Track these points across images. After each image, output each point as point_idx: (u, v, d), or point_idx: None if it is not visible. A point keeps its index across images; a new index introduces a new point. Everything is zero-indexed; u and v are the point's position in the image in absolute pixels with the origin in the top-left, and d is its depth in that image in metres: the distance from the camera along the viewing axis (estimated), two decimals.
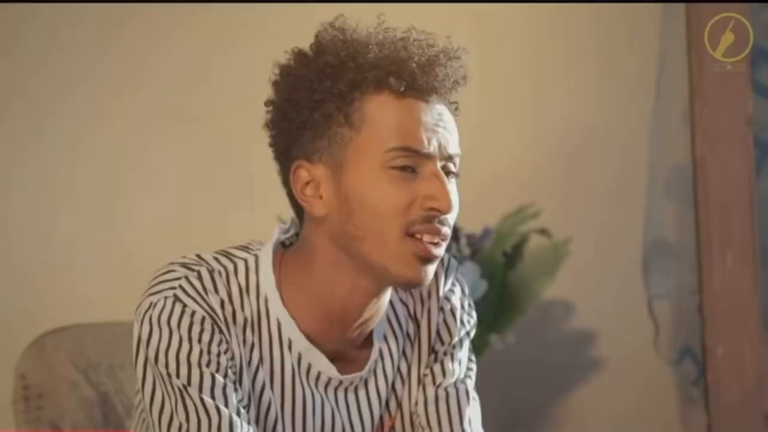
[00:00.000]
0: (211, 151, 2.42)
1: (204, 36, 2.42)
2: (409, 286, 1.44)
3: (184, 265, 1.44)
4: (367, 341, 1.51)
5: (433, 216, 1.39)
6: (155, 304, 1.40)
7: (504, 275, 2.27)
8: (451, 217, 1.42)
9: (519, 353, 2.33)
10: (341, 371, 1.49)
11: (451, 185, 1.41)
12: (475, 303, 1.66)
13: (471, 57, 1.41)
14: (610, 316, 2.44)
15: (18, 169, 2.36)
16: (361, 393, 1.52)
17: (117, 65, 2.38)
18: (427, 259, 1.40)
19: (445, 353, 1.56)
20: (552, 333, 2.38)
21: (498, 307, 2.26)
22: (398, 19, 1.40)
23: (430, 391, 1.55)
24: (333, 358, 1.49)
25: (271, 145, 1.46)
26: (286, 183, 1.45)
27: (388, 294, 1.48)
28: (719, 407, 2.44)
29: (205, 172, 2.43)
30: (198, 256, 1.46)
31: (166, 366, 1.38)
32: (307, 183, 1.43)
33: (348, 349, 1.50)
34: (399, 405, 1.55)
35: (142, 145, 2.40)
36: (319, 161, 1.41)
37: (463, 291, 1.59)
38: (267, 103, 1.45)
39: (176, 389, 1.38)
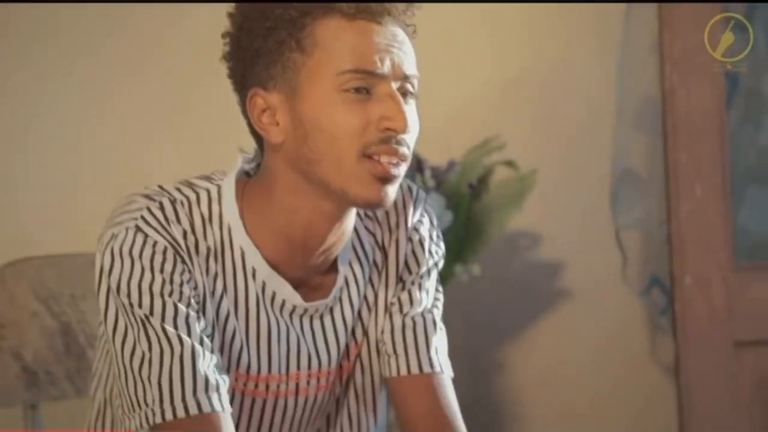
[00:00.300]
0: (167, 91, 2.40)
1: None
2: (369, 206, 1.44)
3: (146, 196, 1.44)
4: (332, 268, 1.52)
5: (389, 137, 1.39)
6: (117, 236, 1.41)
7: (469, 206, 2.28)
8: (410, 138, 1.42)
9: (485, 284, 2.34)
10: (306, 299, 1.50)
11: (409, 106, 1.41)
12: (440, 233, 1.67)
13: None
14: (577, 247, 2.45)
15: None
16: (327, 320, 1.52)
17: None
18: (386, 179, 1.40)
19: (412, 283, 1.57)
20: (518, 264, 2.39)
21: (463, 238, 2.26)
22: None
23: (397, 319, 1.56)
24: (297, 285, 1.49)
25: (229, 77, 1.46)
26: (245, 113, 1.45)
27: (351, 219, 1.48)
28: (687, 336, 2.45)
29: (162, 109, 2.42)
30: (160, 186, 1.46)
31: (129, 296, 1.38)
32: (264, 110, 1.43)
33: (312, 276, 1.50)
34: (365, 333, 1.56)
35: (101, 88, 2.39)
36: (273, 88, 1.42)
37: (431, 222, 1.60)
38: (224, 35, 1.45)
39: (138, 319, 1.38)
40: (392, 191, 1.41)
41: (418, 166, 2.26)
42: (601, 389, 2.43)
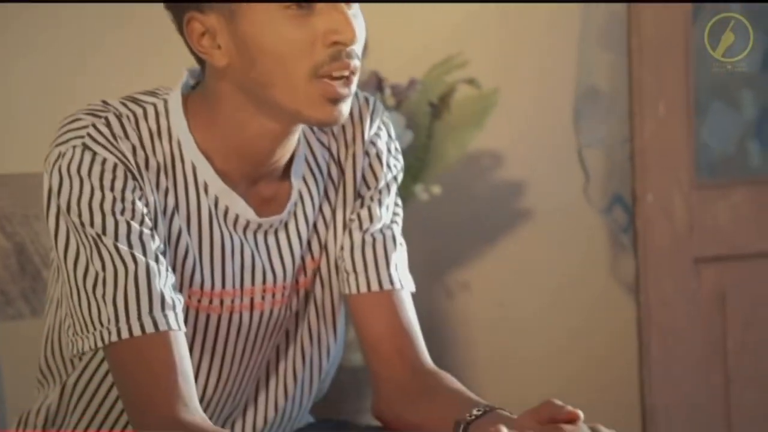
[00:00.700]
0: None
1: None
2: (323, 126, 1.43)
3: (91, 113, 1.42)
4: (286, 182, 1.51)
5: (338, 51, 1.37)
6: (64, 154, 1.39)
7: (430, 126, 2.26)
8: (359, 48, 1.40)
9: (446, 204, 2.34)
10: (260, 214, 1.49)
11: (354, 14, 1.39)
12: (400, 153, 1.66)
13: None
14: (540, 166, 2.44)
15: None
16: (282, 236, 1.52)
17: None
18: (337, 99, 1.38)
19: (371, 198, 1.56)
20: (480, 184, 2.39)
21: (423, 158, 2.26)
22: None
23: (357, 236, 1.55)
24: (250, 198, 1.48)
25: (165, 6, 1.43)
26: (185, 39, 1.42)
27: (299, 131, 1.47)
28: (648, 253, 2.47)
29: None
30: (104, 102, 1.44)
31: (79, 215, 1.37)
32: (202, 34, 1.40)
33: (265, 191, 1.49)
34: (323, 249, 1.56)
35: None
36: (210, 10, 1.39)
37: (389, 135, 1.58)
38: None
39: (90, 238, 1.37)
40: (345, 109, 1.40)
41: (378, 84, 2.24)
42: (562, 308, 2.45)
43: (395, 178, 1.59)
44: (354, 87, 1.41)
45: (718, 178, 2.55)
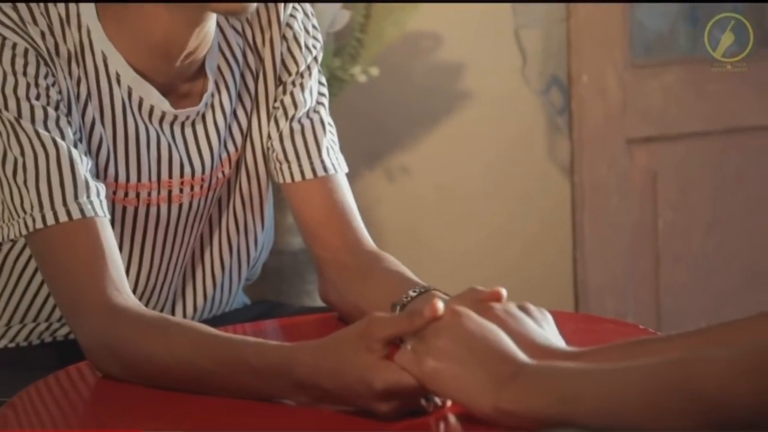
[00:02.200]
0: None
1: None
2: (231, 15, 1.41)
3: None
4: (201, 74, 1.49)
5: None
6: None
7: (367, 6, 2.25)
8: None
9: (384, 86, 2.33)
10: (176, 106, 1.47)
11: None
12: (337, 35, 1.64)
13: None
14: (477, 47, 2.44)
15: None
16: (199, 128, 1.50)
17: None
18: None
19: (293, 84, 1.54)
20: (418, 65, 2.38)
21: (361, 39, 2.24)
22: None
23: (283, 124, 1.54)
24: (165, 92, 1.46)
25: None
26: None
27: (212, 21, 1.44)
28: (582, 134, 2.49)
29: None
30: None
31: None
32: None
33: (180, 83, 1.47)
34: (247, 138, 1.55)
35: None
36: None
37: (305, 13, 1.55)
38: None
39: (7, 123, 1.33)
40: None
41: None
42: (499, 189, 2.47)
43: (315, 59, 1.56)
44: None
45: (652, 56, 2.57)
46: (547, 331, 1.17)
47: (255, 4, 1.38)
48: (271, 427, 1.13)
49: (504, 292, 1.21)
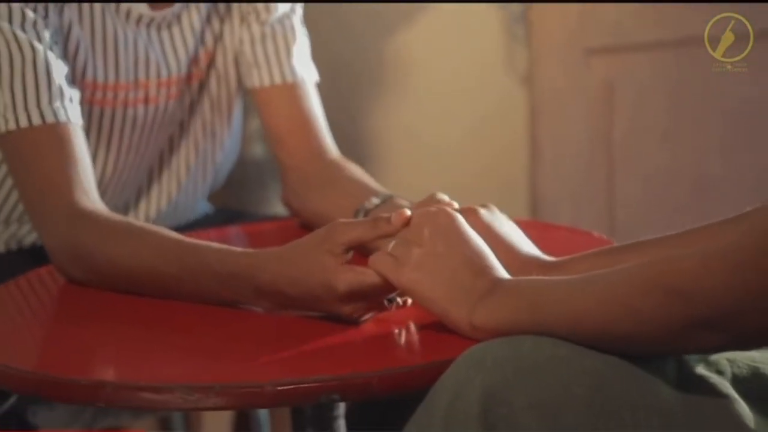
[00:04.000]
0: None
1: None
2: None
3: None
4: None
5: None
6: None
7: None
8: None
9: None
10: (152, 8, 1.48)
11: None
12: None
13: None
14: None
15: None
16: (175, 29, 1.51)
17: None
18: None
19: None
20: None
21: None
22: None
23: (255, 28, 1.55)
24: None
25: None
26: None
27: None
28: (541, 44, 2.50)
29: None
30: None
31: None
32: None
33: None
34: (218, 40, 1.55)
35: None
36: None
37: None
38: None
39: None
40: None
41: None
42: (457, 100, 2.48)
43: None
44: None
45: None
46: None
47: None
48: (232, 332, 1.15)
49: (456, 205, 1.22)
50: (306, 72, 1.57)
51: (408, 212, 1.11)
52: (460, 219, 1.08)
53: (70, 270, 1.31)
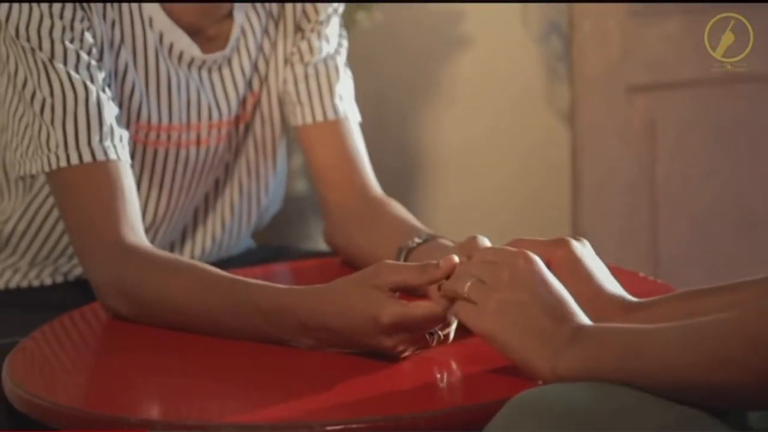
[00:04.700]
0: None
1: None
2: None
3: None
4: (229, 19, 1.52)
5: None
6: None
7: None
8: None
9: (387, 32, 2.34)
10: (204, 50, 1.50)
11: None
12: None
13: None
14: None
15: None
16: (225, 71, 1.53)
17: None
18: None
19: (311, 31, 1.57)
20: (420, 10, 2.38)
21: None
22: None
23: (299, 68, 1.57)
24: (194, 34, 1.49)
25: None
26: None
27: None
28: (583, 81, 2.50)
29: None
30: None
31: (28, 40, 1.37)
32: None
33: (209, 25, 1.50)
34: (263, 82, 1.57)
35: None
36: None
37: None
38: None
39: (40, 63, 1.36)
40: None
41: None
42: (499, 135, 2.48)
43: (335, 10, 1.60)
44: None
45: (652, 5, 2.57)
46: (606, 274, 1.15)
47: None
48: (278, 369, 1.15)
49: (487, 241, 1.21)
50: (349, 110, 1.58)
51: (456, 258, 1.11)
52: (540, 263, 1.06)
53: (116, 305, 1.32)
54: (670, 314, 1.03)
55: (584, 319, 1.02)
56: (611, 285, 1.15)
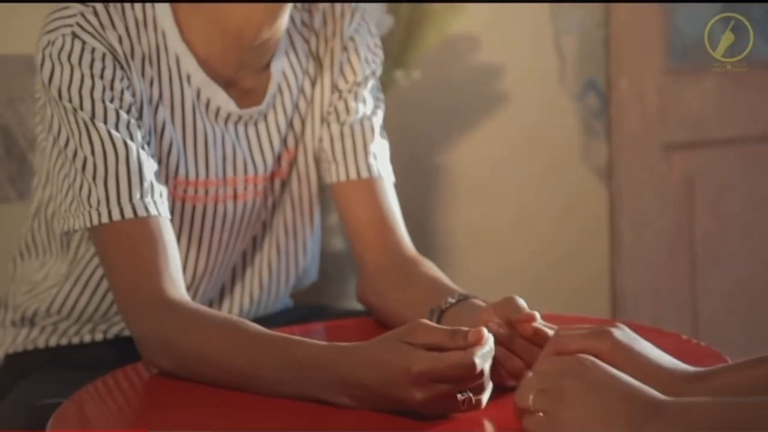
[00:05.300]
0: None
1: None
2: None
3: (79, 1, 1.43)
4: (265, 74, 1.53)
5: None
6: (53, 42, 1.40)
7: (411, 10, 2.27)
8: None
9: (425, 89, 2.35)
10: (240, 106, 1.52)
11: None
12: (381, 39, 1.67)
13: None
14: (516, 51, 2.45)
15: None
16: (261, 127, 1.55)
17: None
18: None
19: (348, 91, 1.59)
20: (458, 68, 2.39)
21: (404, 42, 2.26)
22: None
23: (335, 128, 1.58)
24: (230, 86, 1.51)
25: None
26: None
27: (286, 16, 1.48)
28: (621, 139, 2.50)
29: None
30: None
31: (70, 101, 1.39)
32: None
33: (245, 77, 1.51)
34: (298, 140, 1.59)
35: None
36: None
37: (369, 31, 1.61)
38: None
39: (81, 123, 1.39)
40: None
41: None
42: (535, 193, 2.48)
43: (373, 72, 1.62)
44: None
45: (689, 62, 2.57)
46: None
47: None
48: (313, 427, 1.15)
49: (538, 315, 1.22)
50: (383, 170, 1.59)
51: (486, 332, 1.12)
52: (598, 364, 1.05)
53: (158, 360, 1.32)
54: (743, 383, 1.01)
55: (661, 395, 1.01)
56: (667, 360, 1.14)
